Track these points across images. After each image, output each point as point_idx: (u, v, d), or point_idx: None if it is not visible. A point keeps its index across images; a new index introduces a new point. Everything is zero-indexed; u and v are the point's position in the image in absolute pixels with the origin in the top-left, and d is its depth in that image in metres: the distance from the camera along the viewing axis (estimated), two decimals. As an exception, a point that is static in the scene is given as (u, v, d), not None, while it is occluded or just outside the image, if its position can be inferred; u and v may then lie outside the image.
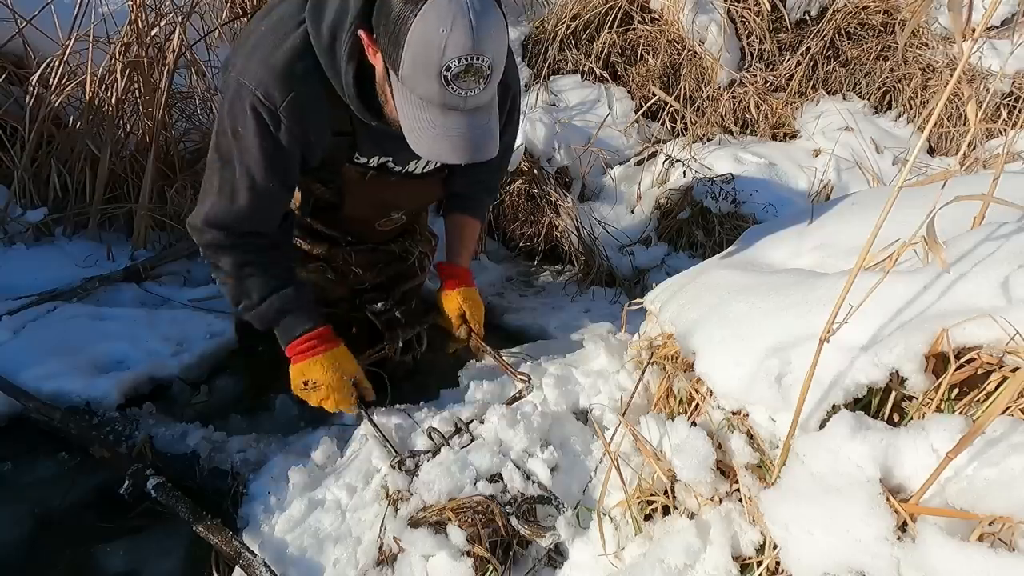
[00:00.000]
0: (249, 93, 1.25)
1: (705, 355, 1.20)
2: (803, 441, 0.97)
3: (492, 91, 1.17)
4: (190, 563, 1.38)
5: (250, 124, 1.27)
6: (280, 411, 1.88)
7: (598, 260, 2.76)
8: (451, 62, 1.06)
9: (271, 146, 1.30)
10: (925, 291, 1.00)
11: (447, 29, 1.04)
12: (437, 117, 1.14)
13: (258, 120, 1.27)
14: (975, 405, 0.91)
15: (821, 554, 0.89)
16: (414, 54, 1.07)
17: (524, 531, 1.19)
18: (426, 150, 1.18)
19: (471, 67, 1.07)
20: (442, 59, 1.06)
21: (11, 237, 2.37)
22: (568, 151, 3.00)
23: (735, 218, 2.82)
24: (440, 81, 1.08)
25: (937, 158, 3.26)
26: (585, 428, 1.41)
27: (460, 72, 1.07)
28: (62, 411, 1.62)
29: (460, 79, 1.08)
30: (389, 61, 1.13)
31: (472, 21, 1.04)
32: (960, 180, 1.45)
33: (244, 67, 1.27)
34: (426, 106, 1.14)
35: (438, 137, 1.16)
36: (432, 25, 1.04)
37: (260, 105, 1.26)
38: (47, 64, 2.42)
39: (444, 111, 1.14)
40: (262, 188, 1.33)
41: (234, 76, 1.28)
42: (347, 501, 1.33)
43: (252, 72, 1.25)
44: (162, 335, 1.99)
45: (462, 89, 1.09)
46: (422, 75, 1.09)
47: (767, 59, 3.50)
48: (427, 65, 1.07)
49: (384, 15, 1.10)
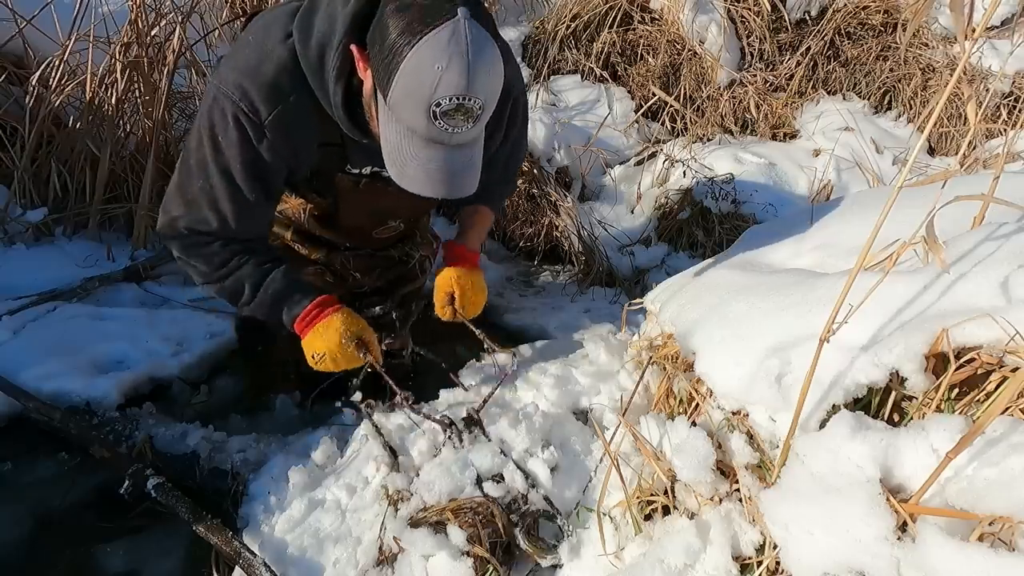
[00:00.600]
0: (232, 104, 1.22)
1: (705, 355, 1.20)
2: (803, 441, 0.97)
3: (479, 129, 1.15)
4: (190, 563, 1.38)
5: (232, 135, 1.24)
6: (280, 411, 1.88)
7: (598, 260, 2.76)
8: (442, 99, 1.03)
9: (253, 158, 1.27)
10: (925, 291, 1.00)
11: (442, 67, 1.01)
12: (420, 149, 1.12)
13: (241, 132, 1.24)
14: (975, 405, 0.91)
15: (821, 554, 0.89)
16: (405, 84, 1.04)
17: (527, 547, 1.19)
18: (403, 180, 1.16)
19: (462, 107, 1.05)
20: (433, 95, 1.03)
21: (11, 237, 2.37)
22: (568, 151, 3.01)
23: (735, 218, 2.82)
24: (428, 116, 1.05)
25: (937, 158, 3.26)
26: (585, 428, 1.41)
27: (450, 110, 1.05)
28: (62, 411, 1.62)
29: (449, 116, 1.06)
30: (379, 83, 1.10)
31: (469, 61, 1.01)
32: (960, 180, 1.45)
33: (228, 77, 1.23)
34: (410, 135, 1.11)
35: (417, 169, 1.13)
36: (428, 60, 1.01)
37: (243, 117, 1.23)
38: (47, 64, 2.42)
39: (427, 143, 1.11)
40: (243, 199, 1.30)
41: (216, 84, 1.24)
42: (347, 501, 1.33)
43: (236, 83, 1.22)
44: (162, 335, 1.99)
45: (449, 126, 1.07)
46: (411, 106, 1.06)
47: (767, 59, 3.50)
48: (417, 98, 1.04)
49: (380, 37, 1.07)
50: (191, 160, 1.30)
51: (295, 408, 1.89)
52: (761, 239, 1.59)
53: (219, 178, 1.28)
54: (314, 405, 1.88)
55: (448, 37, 1.00)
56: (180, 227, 1.33)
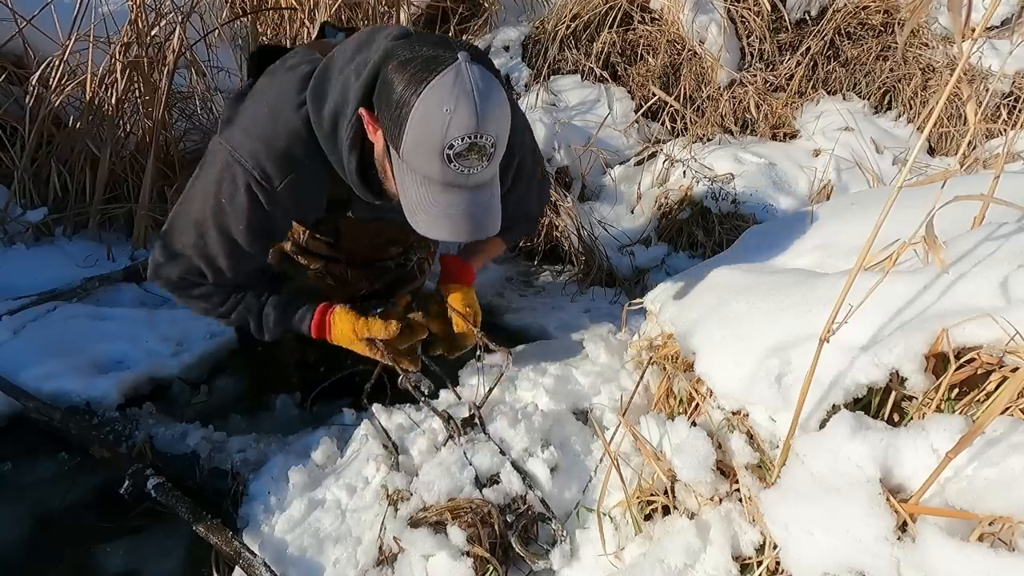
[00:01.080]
0: (244, 172, 1.23)
1: (705, 355, 1.20)
2: (803, 441, 0.97)
3: (495, 168, 1.15)
4: (190, 563, 1.38)
5: (240, 200, 1.25)
6: (280, 411, 1.88)
7: (598, 260, 2.76)
8: (454, 141, 1.04)
9: (259, 221, 1.28)
10: (925, 291, 1.00)
11: (451, 109, 1.02)
12: (438, 195, 1.12)
13: (251, 198, 1.25)
14: (975, 405, 0.91)
15: (821, 554, 0.89)
16: (416, 133, 1.05)
17: (520, 551, 1.19)
18: (425, 228, 1.16)
19: (474, 145, 1.05)
20: (445, 138, 1.04)
21: (11, 237, 2.37)
22: (568, 151, 3.01)
23: (735, 218, 2.82)
24: (442, 159, 1.06)
25: (937, 158, 3.26)
26: (585, 428, 1.41)
27: (463, 151, 1.05)
28: (62, 411, 1.62)
29: (463, 157, 1.06)
30: (390, 139, 1.11)
31: (476, 100, 1.03)
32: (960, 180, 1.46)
33: (241, 144, 1.24)
34: (427, 184, 1.12)
35: (438, 216, 1.14)
36: (435, 105, 1.02)
37: (256, 184, 1.24)
38: (47, 64, 2.42)
39: (445, 188, 1.12)
40: (241, 253, 1.32)
41: (227, 148, 1.25)
42: (347, 501, 1.33)
43: (249, 150, 1.23)
44: (162, 335, 1.99)
45: (464, 167, 1.08)
46: (424, 154, 1.07)
47: (767, 59, 3.50)
48: (429, 144, 1.05)
49: (386, 95, 1.08)
50: (189, 216, 1.30)
51: (295, 408, 1.89)
52: (761, 239, 1.59)
53: (217, 237, 1.29)
54: (313, 406, 1.88)
55: (452, 80, 1.02)
56: (172, 276, 1.35)
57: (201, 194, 1.28)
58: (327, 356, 1.86)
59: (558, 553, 1.19)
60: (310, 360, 1.87)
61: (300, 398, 1.92)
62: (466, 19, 3.85)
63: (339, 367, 1.81)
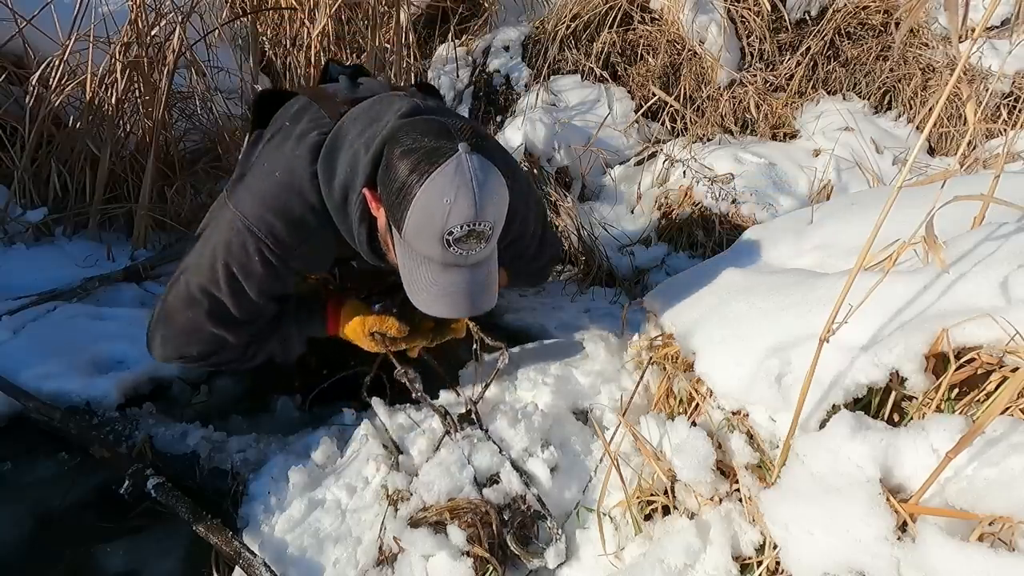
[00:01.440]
0: (257, 240, 1.27)
1: (705, 355, 1.20)
2: (803, 441, 0.97)
3: (492, 247, 1.21)
4: (190, 563, 1.38)
5: (254, 267, 1.29)
6: (280, 411, 1.88)
7: (598, 260, 2.75)
8: (454, 228, 1.09)
9: (272, 281, 1.33)
10: (925, 291, 1.00)
11: (451, 200, 1.07)
12: (438, 275, 1.17)
13: (265, 264, 1.29)
14: (975, 405, 0.91)
15: (821, 554, 0.89)
16: (418, 220, 1.10)
17: (515, 549, 1.19)
18: (425, 306, 1.21)
19: (473, 232, 1.11)
20: (445, 226, 1.09)
21: (11, 237, 2.37)
22: (568, 151, 3.01)
23: (735, 218, 2.82)
24: (443, 244, 1.11)
25: (937, 158, 3.26)
26: (585, 428, 1.41)
27: (462, 237, 1.11)
28: (62, 411, 1.62)
29: (462, 242, 1.12)
30: (393, 220, 1.16)
31: (475, 192, 1.08)
32: (960, 180, 1.46)
33: (253, 212, 1.27)
34: (428, 263, 1.17)
35: (438, 295, 1.19)
36: (436, 195, 1.08)
37: (268, 251, 1.28)
38: (47, 64, 2.42)
39: (444, 268, 1.17)
40: (257, 307, 1.36)
41: (239, 215, 1.28)
42: (347, 501, 1.33)
43: (263, 219, 1.27)
44: (162, 335, 1.99)
45: (463, 250, 1.13)
46: (425, 239, 1.12)
47: (767, 59, 3.49)
48: (430, 231, 1.10)
49: (389, 179, 1.13)
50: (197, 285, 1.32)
51: (295, 408, 1.89)
52: (761, 239, 1.59)
53: (231, 299, 1.32)
54: (313, 407, 1.88)
55: (453, 171, 1.08)
56: (192, 353, 1.39)
57: (208, 261, 1.31)
58: (328, 358, 1.87)
59: (552, 552, 1.19)
60: (312, 363, 1.87)
61: (300, 400, 1.92)
62: (466, 19, 3.85)
63: (340, 368, 1.82)
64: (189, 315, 1.34)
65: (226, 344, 1.39)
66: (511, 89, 3.35)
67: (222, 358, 1.43)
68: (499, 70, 3.40)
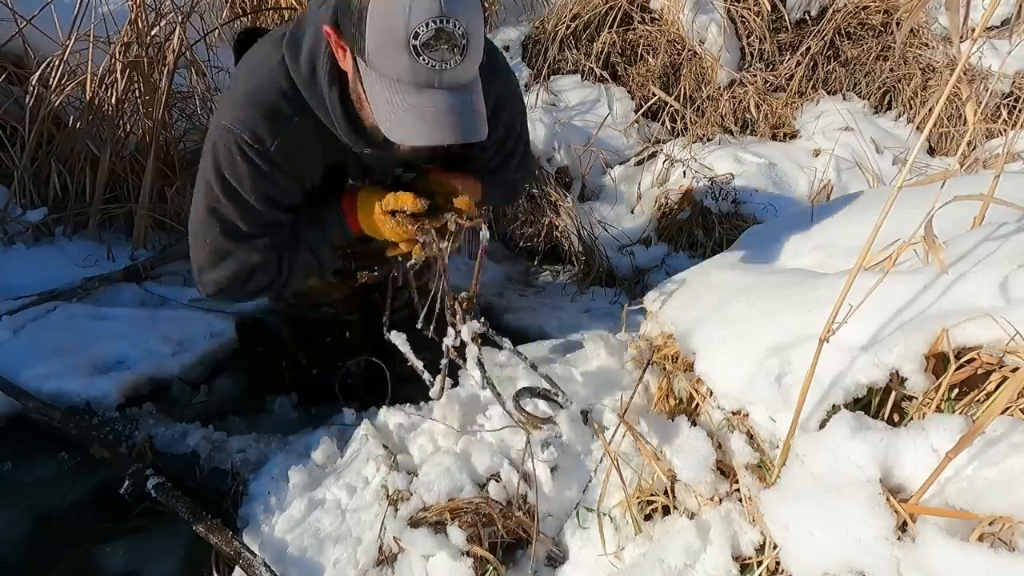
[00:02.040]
0: (235, 137, 1.22)
1: (705, 355, 1.20)
2: (803, 441, 0.97)
3: (472, 69, 1.07)
4: (190, 563, 1.38)
5: (241, 167, 1.24)
6: (280, 411, 1.88)
7: (598, 260, 2.76)
8: (419, 28, 0.96)
9: (264, 188, 1.28)
10: (925, 291, 1.00)
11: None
12: (412, 96, 1.04)
13: (249, 162, 1.24)
14: (975, 405, 0.91)
15: (821, 554, 0.89)
16: (377, 27, 0.99)
17: (518, 418, 1.14)
18: (401, 134, 1.07)
19: (442, 32, 0.97)
20: (408, 26, 0.97)
21: (11, 237, 2.37)
22: (568, 151, 3.01)
23: (735, 218, 2.82)
24: (409, 52, 0.98)
25: (937, 158, 3.26)
26: (585, 428, 1.41)
27: (430, 39, 0.97)
28: (62, 411, 1.62)
29: (431, 48, 0.98)
30: (355, 49, 1.05)
31: None
32: (960, 180, 1.46)
33: (228, 112, 1.24)
34: (398, 87, 1.04)
35: (415, 121, 1.05)
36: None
37: (248, 148, 1.23)
38: (47, 64, 2.42)
39: (418, 89, 1.03)
40: (261, 214, 1.31)
41: (216, 122, 1.25)
42: (347, 501, 1.33)
43: (237, 116, 1.22)
44: (162, 335, 1.99)
45: (435, 60, 1.00)
46: (390, 50, 1.00)
47: (767, 59, 3.50)
48: (394, 39, 0.98)
49: (348, 7, 1.03)
50: (203, 205, 1.29)
51: (294, 408, 1.89)
52: (761, 239, 1.59)
53: (233, 208, 1.28)
54: (312, 407, 1.88)
55: None
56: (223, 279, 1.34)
57: (204, 179, 1.28)
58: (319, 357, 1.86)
59: (565, 416, 1.17)
60: (303, 361, 1.87)
61: (296, 399, 1.92)
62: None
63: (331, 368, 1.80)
64: (208, 240, 1.30)
65: (254, 263, 1.33)
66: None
67: (259, 281, 1.37)
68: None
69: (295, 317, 1.92)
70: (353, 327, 1.84)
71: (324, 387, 1.80)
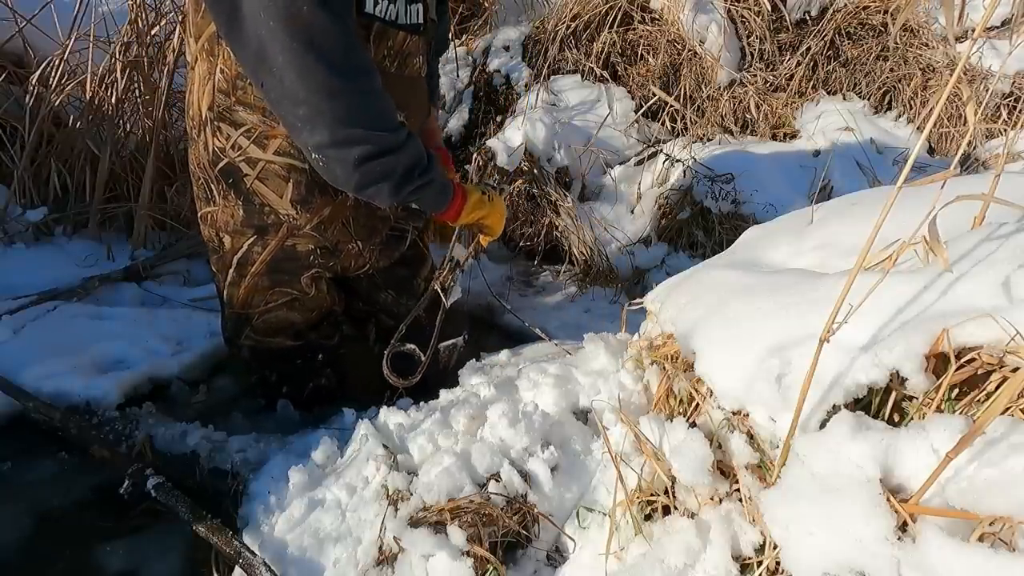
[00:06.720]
0: None
1: (705, 355, 1.20)
2: (803, 441, 0.97)
3: None
4: (190, 563, 1.38)
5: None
6: (280, 411, 1.88)
7: (598, 260, 2.76)
8: None
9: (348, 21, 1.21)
10: (925, 291, 1.00)
11: None
12: None
13: None
14: (975, 405, 0.91)
15: (821, 554, 0.89)
16: None
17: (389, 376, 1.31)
18: None
19: None
20: None
21: (11, 237, 2.37)
22: (568, 151, 3.00)
23: (735, 218, 2.82)
24: None
25: (937, 158, 3.26)
26: (585, 428, 1.41)
27: None
28: (62, 411, 1.62)
29: None
30: None
31: None
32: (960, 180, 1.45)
33: None
34: None
35: None
36: None
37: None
38: (47, 64, 2.42)
39: None
40: (354, 41, 1.21)
41: None
42: (347, 501, 1.33)
43: None
44: (162, 335, 1.99)
45: None
46: None
47: (767, 59, 3.49)
48: None
49: None
50: (298, 60, 1.15)
51: (295, 408, 1.89)
52: (761, 239, 1.59)
53: (325, 23, 1.15)
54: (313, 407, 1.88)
55: None
56: (352, 158, 1.26)
57: (282, 32, 1.13)
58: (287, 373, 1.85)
59: None
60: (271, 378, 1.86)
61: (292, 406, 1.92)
62: (466, 19, 3.85)
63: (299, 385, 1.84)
64: (312, 87, 1.17)
65: (383, 115, 1.27)
66: (511, 89, 3.35)
67: (380, 169, 1.29)
68: (499, 70, 3.40)
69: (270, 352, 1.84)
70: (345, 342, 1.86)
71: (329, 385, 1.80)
